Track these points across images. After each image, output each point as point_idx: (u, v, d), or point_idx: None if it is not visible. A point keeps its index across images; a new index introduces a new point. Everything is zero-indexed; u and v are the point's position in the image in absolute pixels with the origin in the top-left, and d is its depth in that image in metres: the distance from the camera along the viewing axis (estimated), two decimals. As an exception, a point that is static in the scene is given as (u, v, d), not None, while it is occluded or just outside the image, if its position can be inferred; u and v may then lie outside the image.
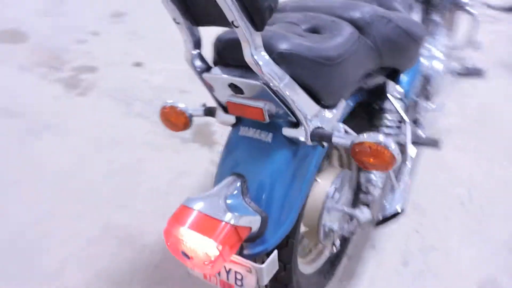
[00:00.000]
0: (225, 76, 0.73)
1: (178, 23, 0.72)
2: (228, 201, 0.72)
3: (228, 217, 0.68)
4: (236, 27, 0.62)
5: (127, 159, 1.74)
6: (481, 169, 1.66)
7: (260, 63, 0.66)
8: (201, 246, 0.66)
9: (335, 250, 1.07)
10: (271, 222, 0.75)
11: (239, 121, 0.82)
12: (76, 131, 1.90)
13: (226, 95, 0.77)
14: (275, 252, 0.77)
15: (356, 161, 0.72)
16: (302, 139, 0.75)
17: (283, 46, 0.71)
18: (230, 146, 0.82)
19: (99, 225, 1.46)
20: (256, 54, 0.65)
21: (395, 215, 0.99)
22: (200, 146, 1.80)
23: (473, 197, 1.55)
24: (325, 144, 0.82)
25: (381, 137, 0.68)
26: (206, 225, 0.66)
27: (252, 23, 0.62)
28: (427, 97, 1.46)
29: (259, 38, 0.65)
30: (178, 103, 0.91)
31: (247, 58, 0.66)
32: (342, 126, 0.82)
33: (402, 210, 0.99)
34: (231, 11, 0.60)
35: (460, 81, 1.78)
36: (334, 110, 0.81)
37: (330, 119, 0.80)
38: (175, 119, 0.91)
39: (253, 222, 0.72)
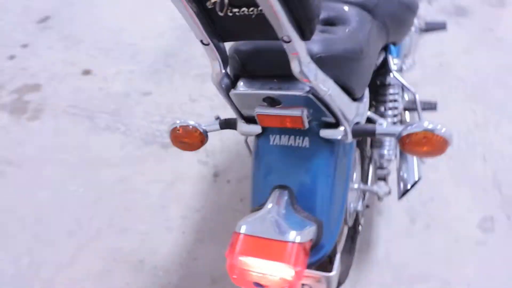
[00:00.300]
0: (262, 91, 0.68)
1: (206, 44, 0.64)
2: (283, 217, 0.70)
3: (292, 235, 0.65)
4: (287, 42, 0.57)
5: (110, 179, 1.61)
6: (453, 114, 1.77)
7: (310, 75, 0.62)
8: (274, 272, 0.63)
9: (360, 228, 1.09)
10: (326, 227, 0.74)
11: (265, 130, 0.78)
12: (40, 161, 1.71)
13: (255, 107, 0.72)
14: (338, 256, 0.76)
15: (406, 151, 0.72)
16: (342, 138, 0.73)
17: (318, 49, 0.67)
18: (262, 158, 0.78)
19: (104, 256, 1.36)
20: (305, 66, 0.61)
21: (415, 183, 1.02)
22: (183, 148, 1.72)
23: (453, 142, 1.65)
24: None
25: (429, 124, 0.68)
26: (273, 249, 0.64)
27: (300, 33, 0.58)
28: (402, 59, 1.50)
29: (305, 48, 0.61)
30: (187, 121, 0.84)
31: (296, 71, 0.61)
32: (370, 114, 0.81)
33: (420, 177, 1.03)
34: (283, 25, 0.54)
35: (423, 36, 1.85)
36: (364, 100, 0.80)
37: (363, 111, 0.79)
38: (190, 139, 0.84)
39: (312, 232, 0.71)
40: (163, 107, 1.91)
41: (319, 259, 0.75)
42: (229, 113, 1.98)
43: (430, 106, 1.10)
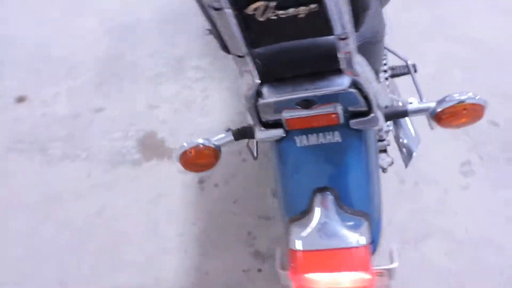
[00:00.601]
0: (298, 94, 0.63)
1: (242, 56, 0.56)
2: (337, 222, 0.66)
3: (357, 239, 0.62)
4: (344, 38, 0.51)
5: (86, 213, 1.46)
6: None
7: (359, 69, 0.57)
8: (346, 282, 0.60)
9: None
10: (372, 219, 0.72)
11: (287, 132, 0.71)
12: (-3, 211, 1.50)
13: (279, 112, 0.67)
14: (395, 246, 0.75)
15: (442, 125, 0.70)
16: (374, 125, 0.69)
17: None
18: (291, 163, 0.72)
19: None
20: (356, 63, 0.56)
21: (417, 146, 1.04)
22: (157, 161, 1.60)
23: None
24: None
25: (461, 95, 0.67)
26: (342, 259, 0.61)
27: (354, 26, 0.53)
28: None
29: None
30: (196, 140, 0.76)
31: (350, 69, 0.56)
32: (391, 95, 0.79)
33: (420, 139, 1.05)
34: (346, 20, 0.49)
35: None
36: (381, 80, 0.77)
37: (387, 92, 0.76)
38: (204, 159, 0.77)
39: (367, 228, 0.68)
40: (122, 121, 1.75)
41: (373, 252, 0.73)
42: (195, 113, 1.85)
43: (415, 68, 1.12)
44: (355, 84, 0.62)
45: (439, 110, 0.68)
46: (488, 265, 1.22)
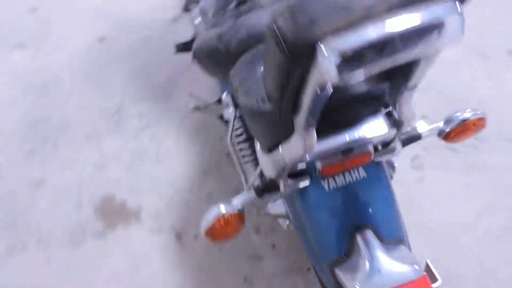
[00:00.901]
0: (344, 143, 0.63)
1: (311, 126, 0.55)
2: (390, 258, 0.67)
3: (413, 270, 0.64)
4: (413, 89, 0.55)
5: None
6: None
7: (411, 112, 0.60)
8: None
9: None
10: (406, 241, 0.75)
11: (312, 179, 0.72)
12: None
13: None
14: (429, 262, 0.78)
15: (450, 141, 0.76)
16: (395, 153, 0.72)
17: None
18: (324, 208, 0.72)
19: None
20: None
21: None
22: (123, 226, 1.47)
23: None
24: None
25: (465, 113, 0.73)
26: None
27: None
28: None
29: None
30: (219, 210, 0.72)
31: (404, 111, 0.60)
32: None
33: None
34: (426, 73, 0.52)
35: None
36: None
37: None
38: (232, 226, 0.73)
39: (410, 253, 0.71)
40: (70, 190, 1.57)
41: None
42: (151, 165, 1.71)
43: None
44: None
45: (448, 129, 0.74)
46: (460, 244, 1.36)
